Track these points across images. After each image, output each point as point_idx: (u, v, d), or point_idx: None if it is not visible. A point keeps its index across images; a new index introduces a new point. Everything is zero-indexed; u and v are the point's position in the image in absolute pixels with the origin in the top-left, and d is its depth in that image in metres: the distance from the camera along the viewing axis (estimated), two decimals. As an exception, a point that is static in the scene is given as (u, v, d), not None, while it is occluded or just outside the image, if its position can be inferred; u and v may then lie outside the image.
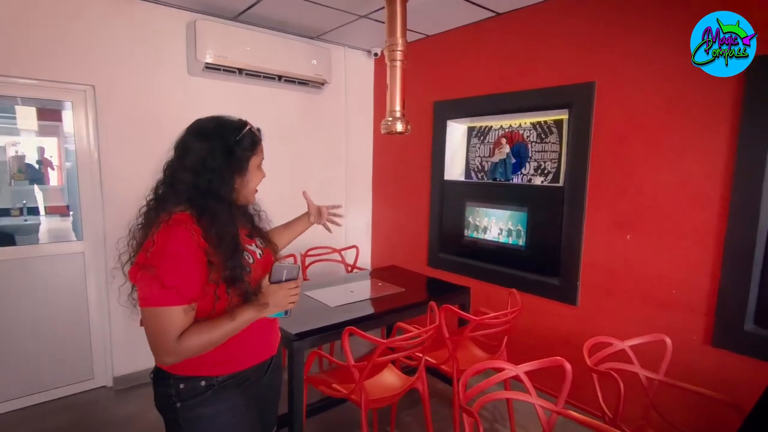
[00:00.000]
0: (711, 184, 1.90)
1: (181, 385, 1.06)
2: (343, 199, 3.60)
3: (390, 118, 2.10)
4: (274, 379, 1.29)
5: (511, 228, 2.75)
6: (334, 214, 1.58)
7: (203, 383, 1.07)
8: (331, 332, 1.91)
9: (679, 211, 2.01)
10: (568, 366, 1.39)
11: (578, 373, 2.44)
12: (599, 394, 1.58)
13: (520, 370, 1.38)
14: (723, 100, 1.85)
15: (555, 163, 2.59)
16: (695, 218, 1.96)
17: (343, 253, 3.30)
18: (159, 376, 1.09)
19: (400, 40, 2.00)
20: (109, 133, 2.50)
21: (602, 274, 2.30)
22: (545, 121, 2.63)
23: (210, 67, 2.69)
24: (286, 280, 1.09)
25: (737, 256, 1.83)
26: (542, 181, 2.62)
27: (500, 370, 1.39)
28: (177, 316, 0.97)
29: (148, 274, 0.96)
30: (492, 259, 2.85)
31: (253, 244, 1.21)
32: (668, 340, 1.65)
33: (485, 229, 2.91)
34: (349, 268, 3.26)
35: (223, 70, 2.74)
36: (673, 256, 2.03)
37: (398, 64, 2.04)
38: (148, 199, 1.10)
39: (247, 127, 1.11)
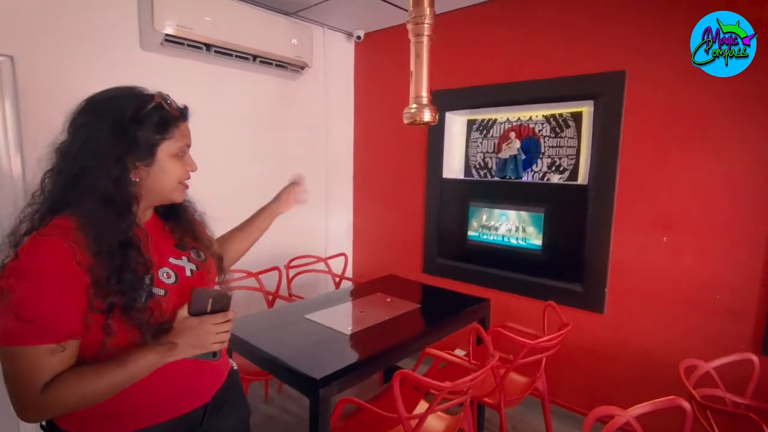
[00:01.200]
0: (756, 181, 1.78)
1: None
2: (323, 199, 3.19)
3: (414, 106, 1.75)
4: (220, 425, 0.99)
5: (525, 230, 2.52)
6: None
7: None
8: (363, 370, 1.54)
9: (723, 211, 1.87)
10: (687, 407, 1.14)
11: (607, 386, 2.30)
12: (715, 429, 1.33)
13: (631, 414, 1.12)
14: (765, 93, 1.72)
15: (572, 159, 2.40)
16: (743, 217, 1.83)
17: (329, 262, 2.90)
18: (52, 427, 0.83)
19: (427, 10, 1.66)
20: (33, 119, 1.90)
21: (633, 278, 2.13)
22: (560, 114, 2.42)
23: (170, 41, 2.16)
24: (212, 312, 0.84)
25: (793, 259, 1.72)
26: (560, 179, 2.42)
27: (609, 417, 1.11)
28: (41, 359, 0.72)
29: (2, 300, 0.70)
30: (502, 264, 2.61)
31: (184, 258, 0.94)
32: (755, 359, 1.47)
33: (493, 232, 2.66)
34: (338, 279, 2.87)
35: (187, 44, 2.22)
36: (716, 259, 1.90)
37: (425, 39, 1.70)
38: (34, 194, 0.82)
39: (154, 101, 0.83)
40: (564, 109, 2.39)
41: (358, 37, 3.11)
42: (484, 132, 2.73)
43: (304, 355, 1.59)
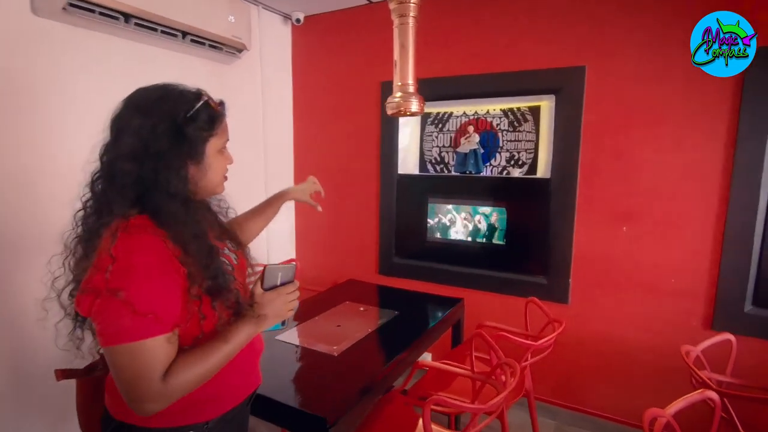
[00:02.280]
0: (711, 172, 1.93)
1: None
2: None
3: (399, 95, 1.57)
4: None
5: (487, 225, 2.49)
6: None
7: None
8: (369, 397, 1.34)
9: (677, 200, 2.01)
10: (716, 398, 1.15)
11: (576, 374, 2.37)
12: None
13: (670, 413, 1.10)
14: (723, 88, 1.87)
15: (531, 153, 2.42)
16: (694, 206, 1.98)
17: (278, 270, 2.59)
18: (137, 429, 0.86)
19: (413, -11, 1.49)
20: None
21: (595, 269, 2.21)
22: (518, 108, 2.42)
23: (75, 5, 1.69)
24: (282, 285, 0.95)
25: (737, 242, 1.90)
26: (520, 173, 2.43)
27: (652, 418, 1.08)
28: (160, 349, 0.77)
29: (114, 300, 0.74)
30: (464, 260, 2.56)
31: (225, 249, 0.99)
32: (733, 339, 1.58)
33: (454, 228, 2.59)
34: (289, 289, 2.58)
35: (99, 12, 1.77)
36: (671, 246, 2.04)
37: (411, 21, 1.52)
38: (83, 199, 0.86)
39: (203, 99, 0.87)
40: (522, 103, 2.40)
41: (298, 20, 2.81)
42: (440, 126, 2.65)
43: (296, 388, 1.34)
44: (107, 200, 0.82)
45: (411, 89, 1.57)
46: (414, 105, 1.56)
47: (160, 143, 0.81)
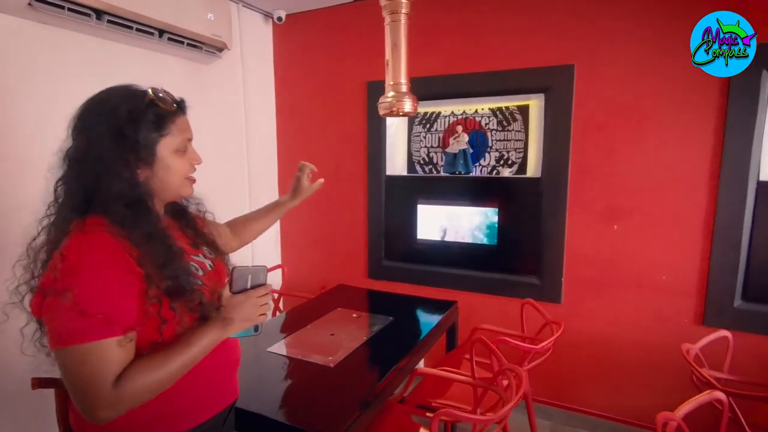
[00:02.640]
0: (699, 169, 1.95)
1: None
2: (247, 203, 2.76)
3: (392, 94, 1.51)
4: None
5: (479, 226, 2.47)
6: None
7: None
8: (373, 410, 1.28)
9: (667, 198, 2.02)
10: (724, 398, 1.14)
11: (570, 373, 2.36)
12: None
13: (679, 416, 1.08)
14: (711, 85, 1.89)
15: (520, 152, 2.40)
16: (684, 204, 1.99)
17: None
18: None
19: (404, -15, 1.44)
20: None
21: (588, 267, 2.21)
22: (507, 107, 2.40)
23: (42, 0, 1.58)
24: (253, 288, 0.91)
25: (726, 237, 1.92)
26: (510, 173, 2.41)
27: (664, 422, 1.05)
28: (110, 352, 0.72)
29: (61, 301, 0.70)
30: (455, 262, 2.53)
31: (200, 255, 0.97)
32: (730, 336, 1.58)
33: (444, 230, 2.56)
34: (276, 296, 2.50)
35: (69, 8, 1.66)
36: (662, 243, 2.05)
37: (402, 18, 1.47)
38: (49, 205, 0.83)
39: (146, 99, 0.83)
40: (510, 102, 2.38)
41: (279, 19, 2.73)
42: (428, 126, 2.61)
43: (292, 404, 1.27)
44: (64, 204, 0.82)
45: (404, 88, 1.52)
46: (407, 105, 1.51)
47: (99, 146, 0.79)
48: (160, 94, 0.86)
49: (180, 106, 0.90)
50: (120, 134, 0.80)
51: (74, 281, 0.72)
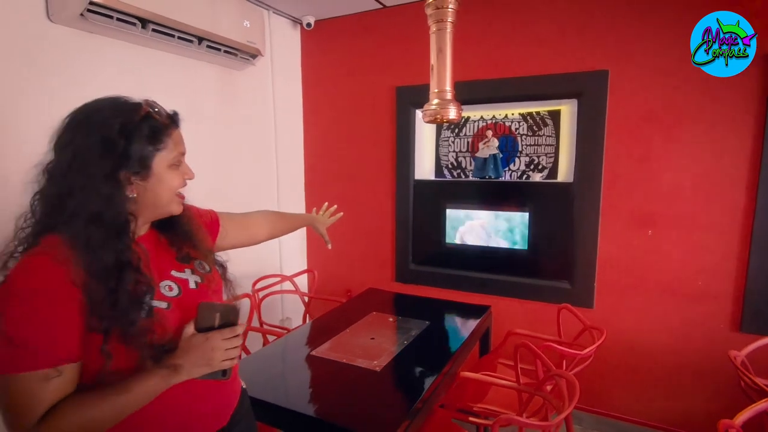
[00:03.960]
0: (737, 174, 1.94)
1: None
2: (275, 205, 2.79)
3: (436, 101, 1.54)
4: None
5: (509, 231, 2.47)
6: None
7: None
8: (422, 414, 1.30)
9: (702, 203, 2.01)
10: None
11: (600, 378, 2.35)
12: None
13: (738, 423, 1.08)
14: (749, 88, 1.88)
15: (551, 157, 2.41)
16: (720, 208, 1.99)
17: (295, 280, 2.53)
18: None
19: (451, -6, 1.46)
20: None
21: (621, 272, 2.20)
22: (537, 112, 2.41)
23: (94, 11, 1.62)
24: (220, 327, 0.79)
25: (766, 242, 1.91)
26: (540, 177, 2.41)
27: (725, 429, 1.06)
28: (34, 386, 0.67)
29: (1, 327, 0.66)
30: (484, 266, 2.53)
31: (187, 270, 0.90)
32: (776, 342, 1.58)
33: (474, 234, 2.57)
34: (307, 299, 2.52)
35: (117, 18, 1.70)
36: (697, 248, 2.04)
37: (448, 26, 1.50)
38: (25, 217, 0.78)
39: (142, 112, 0.79)
40: (541, 107, 2.39)
41: (308, 25, 2.76)
42: (456, 131, 2.62)
43: (346, 407, 1.29)
44: (38, 219, 0.77)
45: (449, 96, 1.55)
46: (452, 112, 1.53)
47: (84, 159, 0.74)
48: (156, 108, 0.83)
49: (174, 120, 0.86)
50: (111, 148, 0.75)
51: (5, 307, 0.68)
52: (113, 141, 0.75)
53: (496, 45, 2.36)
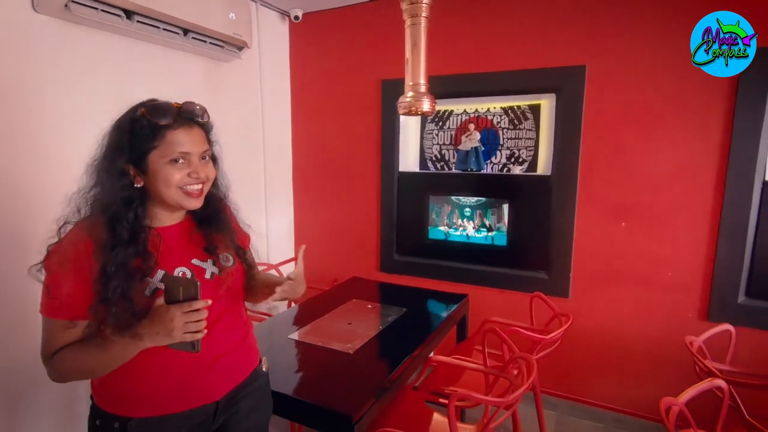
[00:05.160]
0: (706, 168, 2.00)
1: (98, 421, 0.95)
2: (263, 199, 2.85)
3: (411, 94, 1.59)
4: (233, 426, 1.06)
5: (489, 222, 2.53)
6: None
7: (116, 425, 0.92)
8: (389, 394, 1.36)
9: (674, 196, 2.07)
10: (725, 386, 1.20)
11: (576, 365, 2.43)
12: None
13: (681, 401, 1.15)
14: (719, 86, 1.93)
15: (531, 150, 2.46)
16: (690, 201, 2.05)
17: (280, 268, 2.59)
18: (92, 399, 0.98)
19: (425, -10, 1.50)
20: None
21: (595, 263, 2.27)
22: (518, 106, 2.46)
23: (77, 2, 1.66)
24: (185, 300, 0.83)
25: (731, 235, 1.97)
26: (520, 170, 2.47)
27: (667, 407, 1.12)
28: (57, 331, 0.87)
29: (44, 277, 0.87)
30: (465, 257, 2.60)
31: (209, 260, 1.00)
32: (732, 329, 1.65)
33: (455, 225, 2.63)
34: (292, 287, 2.58)
35: (101, 9, 1.73)
36: (668, 240, 2.11)
37: (422, 21, 1.54)
38: (76, 197, 0.94)
39: (140, 111, 0.90)
40: (522, 101, 2.44)
41: (296, 17, 2.79)
42: (440, 124, 2.67)
43: (317, 386, 1.36)
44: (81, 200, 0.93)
45: (422, 89, 1.59)
46: (426, 104, 1.58)
47: (104, 155, 0.91)
48: (154, 109, 0.90)
49: (181, 119, 0.92)
50: (118, 143, 0.89)
51: (49, 264, 0.87)
52: (121, 138, 0.90)
53: (479, 39, 2.40)
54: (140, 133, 0.89)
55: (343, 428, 1.19)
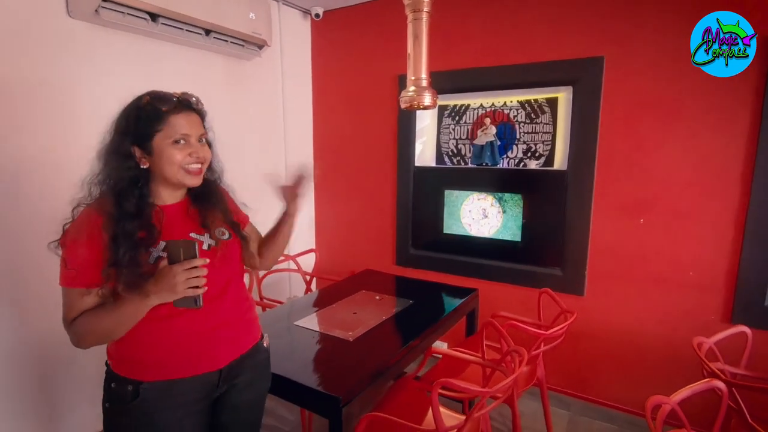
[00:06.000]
0: (731, 165, 1.90)
1: (113, 384, 1.04)
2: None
3: (413, 89, 1.61)
4: (234, 397, 1.15)
5: (504, 217, 2.51)
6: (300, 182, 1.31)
7: (130, 388, 1.01)
8: (381, 380, 1.40)
9: (695, 193, 1.98)
10: (723, 387, 1.16)
11: (590, 365, 2.38)
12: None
13: (675, 401, 1.12)
14: (746, 79, 1.83)
15: (548, 145, 2.41)
16: (713, 198, 1.95)
17: (298, 260, 2.69)
18: (107, 366, 1.07)
19: (426, -15, 1.52)
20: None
21: (612, 261, 2.21)
22: (536, 100, 2.42)
23: (106, 7, 1.79)
24: (185, 260, 0.93)
25: (759, 235, 1.86)
26: (536, 165, 2.43)
27: (656, 405, 1.10)
28: (75, 298, 0.97)
29: (61, 252, 0.97)
30: (480, 252, 2.59)
31: (206, 234, 1.10)
32: (749, 332, 1.57)
33: (470, 220, 2.62)
34: (308, 278, 2.67)
35: (128, 13, 1.86)
36: (690, 238, 2.02)
37: (424, 16, 1.56)
38: (89, 179, 1.04)
39: (145, 99, 1.01)
40: (539, 95, 2.39)
41: (317, 15, 2.86)
42: (457, 118, 2.67)
43: (312, 369, 1.42)
44: (92, 182, 1.03)
45: (424, 83, 1.61)
46: (427, 99, 1.60)
47: (112, 140, 1.01)
48: (158, 97, 1.00)
49: (178, 107, 1.02)
50: (124, 128, 0.99)
51: (65, 240, 0.97)
52: (127, 123, 1.00)
53: (495, 32, 2.38)
54: (146, 118, 0.99)
55: (331, 410, 1.24)
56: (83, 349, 1.01)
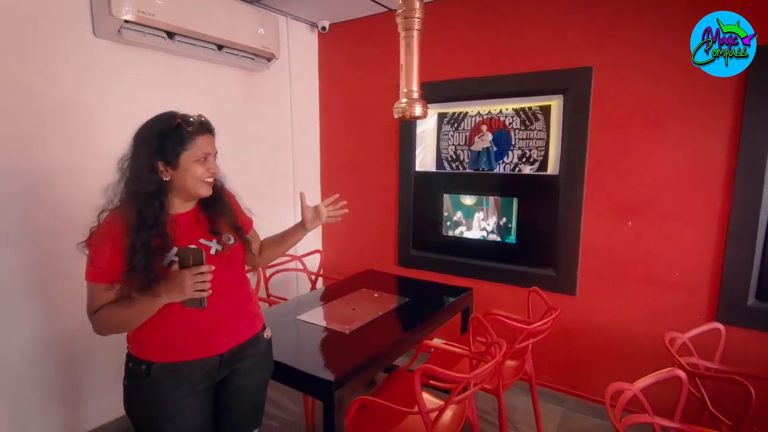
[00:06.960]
0: (714, 168, 1.98)
1: (130, 364, 1.19)
2: (291, 196, 3.09)
3: (405, 101, 1.74)
4: (236, 381, 1.28)
5: (500, 219, 2.62)
6: (335, 209, 1.52)
7: (143, 367, 1.16)
8: (372, 368, 1.53)
9: (681, 195, 2.06)
10: (683, 376, 1.26)
11: (583, 363, 2.47)
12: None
13: (637, 387, 1.21)
14: (726, 85, 1.91)
15: (542, 150, 2.51)
16: (697, 201, 2.03)
17: (304, 260, 2.83)
18: (127, 349, 1.22)
19: (417, 4, 1.65)
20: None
21: (602, 262, 2.29)
22: (530, 108, 2.52)
23: (128, 28, 1.97)
24: (194, 266, 1.06)
25: (741, 236, 1.94)
26: (531, 170, 2.53)
27: (619, 391, 1.20)
28: (98, 292, 1.11)
29: (87, 251, 1.11)
30: (477, 253, 2.70)
31: (214, 240, 1.23)
32: (722, 328, 1.65)
33: (468, 223, 2.73)
34: (314, 278, 2.81)
35: (147, 33, 2.04)
36: (675, 240, 2.10)
37: (415, 33, 1.69)
38: (113, 188, 1.17)
39: (175, 122, 1.13)
40: (533, 102, 2.50)
41: (323, 28, 3.02)
42: (456, 125, 2.79)
43: (310, 357, 1.55)
44: (116, 190, 1.17)
45: (415, 95, 1.74)
46: (417, 109, 1.73)
47: (137, 154, 1.13)
48: (188, 119, 1.14)
49: (202, 129, 1.17)
50: (152, 145, 1.11)
51: (91, 240, 1.11)
52: (154, 141, 1.12)
53: (491, 44, 2.49)
54: (176, 138, 1.12)
55: (326, 393, 1.37)
56: (104, 336, 1.17)
